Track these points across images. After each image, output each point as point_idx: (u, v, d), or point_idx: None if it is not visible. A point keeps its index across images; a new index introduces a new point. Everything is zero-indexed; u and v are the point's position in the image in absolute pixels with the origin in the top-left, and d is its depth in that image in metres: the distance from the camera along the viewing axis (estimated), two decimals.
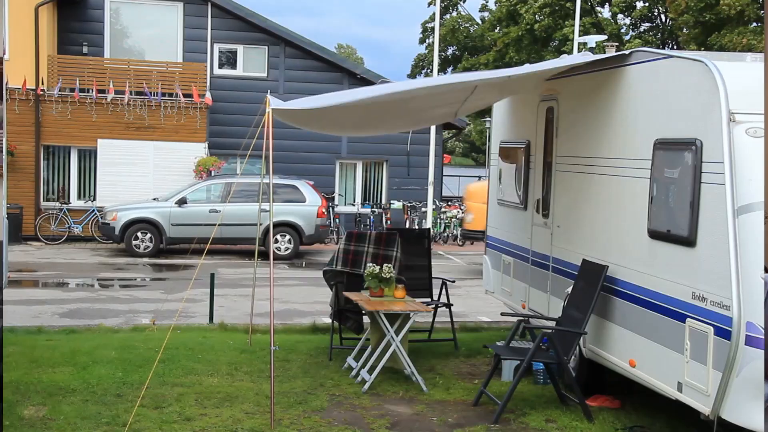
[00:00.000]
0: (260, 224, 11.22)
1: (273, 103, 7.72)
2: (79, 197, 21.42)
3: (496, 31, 43.53)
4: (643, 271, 6.91)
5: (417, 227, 21.70)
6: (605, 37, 27.67)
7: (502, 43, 40.76)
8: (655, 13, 40.96)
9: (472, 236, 19.38)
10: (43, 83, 20.56)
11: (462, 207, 21.64)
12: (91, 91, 20.63)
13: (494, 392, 7.72)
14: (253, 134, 7.27)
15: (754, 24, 30.64)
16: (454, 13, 47.52)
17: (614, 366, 7.40)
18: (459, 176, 36.54)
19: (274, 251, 17.09)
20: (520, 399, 7.77)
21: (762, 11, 30.63)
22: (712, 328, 5.89)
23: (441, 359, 9.44)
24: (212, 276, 11.74)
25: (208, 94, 21.84)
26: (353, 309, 9.22)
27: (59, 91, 20.47)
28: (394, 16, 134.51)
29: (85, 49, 22.31)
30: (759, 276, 5.61)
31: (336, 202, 23.64)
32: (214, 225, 17.31)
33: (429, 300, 9.93)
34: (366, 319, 9.13)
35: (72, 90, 20.58)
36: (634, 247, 7.09)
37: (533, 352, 7.41)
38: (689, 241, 6.23)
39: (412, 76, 50.22)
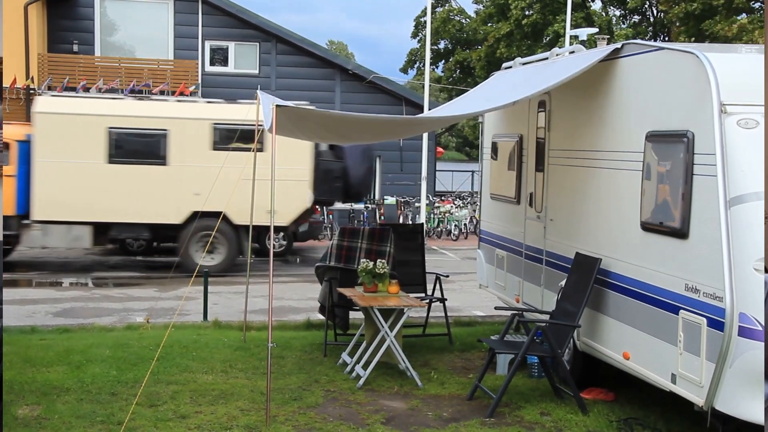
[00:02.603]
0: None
1: (270, 101, 7.69)
2: None
3: (488, 25, 43.46)
4: (636, 263, 6.92)
5: (410, 222, 21.69)
6: (596, 30, 27.63)
7: (492, 38, 40.71)
8: (647, 5, 40.96)
9: None
10: (33, 82, 20.46)
11: None
12: (79, 90, 20.52)
13: (489, 386, 7.73)
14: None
15: (750, 15, 30.62)
16: (446, 6, 47.45)
17: (608, 359, 7.41)
18: (452, 171, 36.31)
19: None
20: (515, 392, 7.79)
21: (752, 2, 30.68)
22: (705, 320, 5.90)
23: (435, 354, 9.45)
24: (206, 273, 11.72)
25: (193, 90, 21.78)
26: (340, 304, 9.24)
27: (48, 89, 20.36)
28: (385, 12, 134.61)
29: (75, 48, 22.23)
30: (752, 267, 5.61)
31: None
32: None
33: (423, 295, 9.94)
34: (359, 315, 9.14)
35: (67, 89, 20.46)
36: (626, 239, 7.10)
37: (527, 346, 7.42)
38: (682, 233, 6.24)
39: (404, 70, 50.25)
